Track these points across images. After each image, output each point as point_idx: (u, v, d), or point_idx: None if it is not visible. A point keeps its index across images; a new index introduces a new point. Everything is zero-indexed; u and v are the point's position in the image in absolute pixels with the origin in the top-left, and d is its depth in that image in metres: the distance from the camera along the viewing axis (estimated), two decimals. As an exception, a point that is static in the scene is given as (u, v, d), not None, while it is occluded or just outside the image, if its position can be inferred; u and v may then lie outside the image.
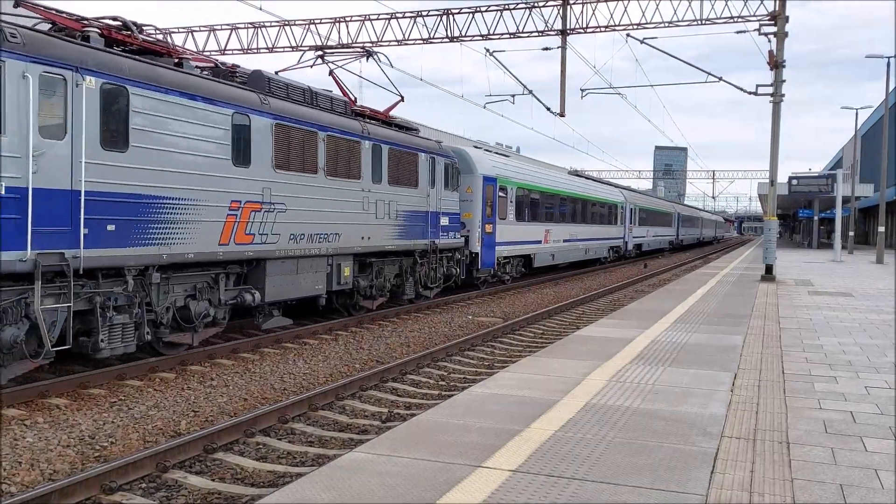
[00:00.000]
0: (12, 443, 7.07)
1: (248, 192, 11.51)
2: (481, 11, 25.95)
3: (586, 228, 32.55)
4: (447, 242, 18.36)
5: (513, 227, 23.36)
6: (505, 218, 22.57)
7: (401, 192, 16.12)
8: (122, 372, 9.77)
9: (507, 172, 23.21)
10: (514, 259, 24.22)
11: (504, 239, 22.49)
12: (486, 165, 21.62)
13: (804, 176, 40.59)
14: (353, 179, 14.43)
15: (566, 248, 29.56)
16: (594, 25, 24.82)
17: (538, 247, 26.16)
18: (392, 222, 15.76)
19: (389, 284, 16.24)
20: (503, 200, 22.52)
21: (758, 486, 4.38)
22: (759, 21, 21.53)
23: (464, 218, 20.07)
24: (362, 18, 26.78)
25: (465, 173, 20.25)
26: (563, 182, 30.56)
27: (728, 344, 9.44)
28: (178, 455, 6.83)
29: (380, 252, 15.54)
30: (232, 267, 11.62)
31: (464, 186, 20.23)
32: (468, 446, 5.03)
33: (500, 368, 11.00)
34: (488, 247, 21.24)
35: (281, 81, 13.03)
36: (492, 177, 21.58)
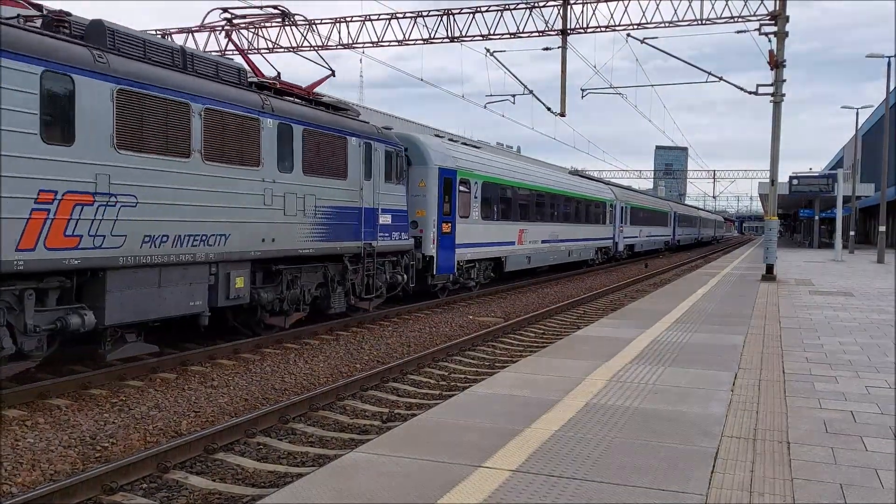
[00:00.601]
0: (13, 443, 7.08)
1: (70, 179, 8.65)
2: (482, 11, 25.96)
3: (570, 228, 29.90)
4: (390, 244, 15.67)
5: (478, 226, 20.74)
6: (468, 216, 19.95)
7: (322, 183, 13.28)
8: (123, 372, 9.77)
9: (471, 164, 20.49)
10: (481, 263, 21.50)
11: (467, 240, 19.83)
12: (443, 155, 18.82)
13: (805, 175, 40.60)
14: (249, 167, 11.52)
15: (545, 249, 26.78)
16: (594, 25, 24.83)
17: (511, 249, 23.42)
18: (309, 220, 12.92)
19: (309, 296, 13.45)
20: (465, 196, 19.82)
21: (758, 486, 4.38)
22: (759, 21, 21.53)
23: (416, 216, 17.70)
24: (363, 19, 26.80)
25: (417, 164, 17.86)
26: (542, 176, 27.57)
27: (728, 344, 9.44)
28: (179, 455, 6.84)
29: (293, 257, 12.76)
30: (49, 280, 8.72)
31: (415, 179, 17.87)
32: (469, 446, 5.03)
33: (501, 368, 11.01)
34: (446, 249, 18.55)
35: (134, 36, 10.09)
36: (450, 168, 18.78)
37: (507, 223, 23.14)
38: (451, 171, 18.88)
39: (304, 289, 13.29)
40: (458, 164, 19.45)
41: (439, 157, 18.51)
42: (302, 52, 27.48)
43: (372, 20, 26.75)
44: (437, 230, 18.05)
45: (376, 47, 26.67)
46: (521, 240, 24.33)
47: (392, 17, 26.49)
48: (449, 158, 19.00)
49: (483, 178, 21.13)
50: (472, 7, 25.97)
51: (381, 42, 26.60)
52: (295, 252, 12.64)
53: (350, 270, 14.50)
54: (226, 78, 11.55)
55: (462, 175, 19.60)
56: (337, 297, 14.21)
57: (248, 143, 11.55)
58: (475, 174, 20.60)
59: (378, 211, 15.19)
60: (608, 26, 24.78)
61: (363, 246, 14.69)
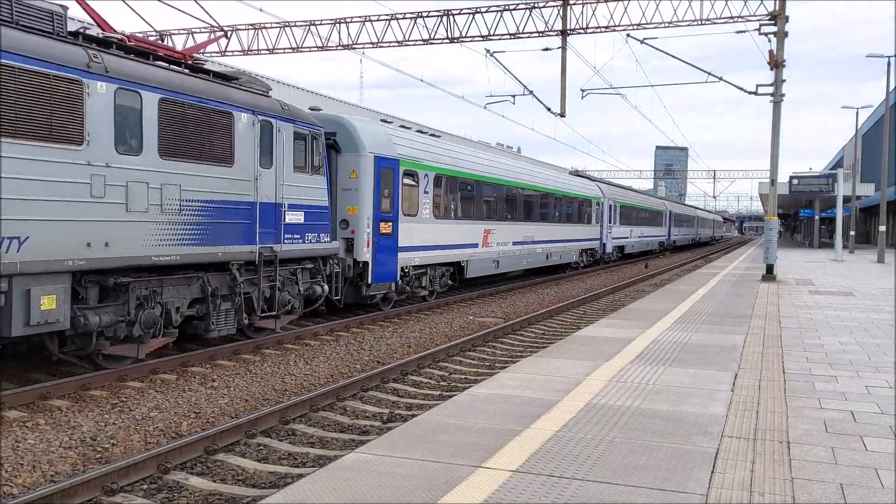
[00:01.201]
0: (14, 444, 7.09)
1: None
2: (481, 12, 25.99)
3: (548, 228, 27.11)
4: (301, 248, 12.81)
5: (430, 226, 17.86)
6: (415, 214, 17.10)
7: (193, 170, 10.37)
8: (124, 373, 9.77)
9: (418, 153, 17.52)
10: (435, 268, 18.64)
11: (414, 242, 17.02)
12: (381, 142, 15.88)
13: (805, 175, 40.61)
14: (64, 145, 8.65)
15: (517, 252, 24.02)
16: (594, 26, 24.85)
17: (473, 251, 20.52)
18: (170, 219, 10.00)
19: (179, 316, 10.55)
20: (411, 190, 16.99)
21: (758, 486, 4.38)
22: (759, 21, 21.55)
23: (347, 214, 15.05)
24: (363, 19, 26.82)
25: (347, 152, 15.08)
26: (513, 170, 24.66)
27: (729, 344, 9.45)
28: (180, 456, 6.84)
29: (146, 267, 9.88)
30: None
31: (345, 170, 15.10)
32: (469, 447, 5.03)
33: (501, 369, 11.01)
34: (385, 253, 15.82)
35: None
36: (390, 157, 15.98)
37: (469, 222, 20.32)
38: (391, 160, 16.03)
39: (169, 307, 10.33)
40: (402, 153, 16.63)
41: (375, 144, 15.59)
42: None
43: (372, 21, 26.77)
44: (373, 231, 15.29)
45: (376, 48, 26.70)
46: (487, 241, 21.53)
47: (392, 17, 26.51)
48: (389, 145, 16.18)
49: (436, 169, 18.16)
50: (472, 7, 26.00)
51: (382, 43, 26.62)
52: (147, 260, 9.74)
53: (242, 282, 11.54)
54: (26, 23, 8.64)
55: (407, 166, 16.72)
56: (221, 317, 11.32)
57: (61, 113, 8.66)
58: (425, 165, 17.65)
59: (283, 207, 12.24)
60: (608, 27, 24.80)
61: (259, 251, 11.73)
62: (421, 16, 26.31)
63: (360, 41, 26.83)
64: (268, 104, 12.17)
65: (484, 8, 25.94)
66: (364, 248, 15.16)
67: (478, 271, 20.94)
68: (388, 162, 15.96)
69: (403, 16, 26.41)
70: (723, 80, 23.30)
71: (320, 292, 13.68)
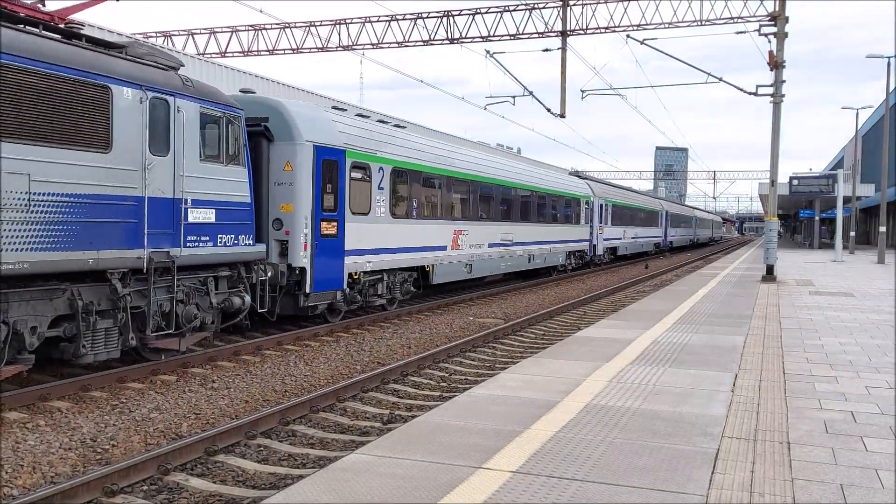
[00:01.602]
0: (14, 446, 7.09)
1: None
2: (481, 13, 26.01)
3: (530, 229, 25.01)
4: (210, 253, 10.74)
5: (386, 226, 15.81)
6: (368, 212, 15.06)
7: (48, 156, 8.41)
8: (124, 374, 9.78)
9: (372, 144, 15.37)
10: (394, 274, 16.51)
11: (365, 244, 14.93)
12: (324, 130, 13.75)
13: (805, 176, 40.61)
14: None
15: (494, 255, 21.89)
16: (594, 27, 24.87)
17: (441, 255, 18.37)
18: (11, 216, 8.03)
19: (35, 338, 8.48)
20: (362, 186, 14.88)
21: (758, 487, 4.38)
22: (758, 22, 21.57)
23: (280, 212, 13.01)
24: (363, 20, 26.84)
25: (280, 140, 13.03)
26: (489, 165, 22.46)
27: (729, 344, 9.45)
28: (180, 457, 6.84)
29: None
30: None
31: (278, 161, 13.04)
32: (469, 447, 5.03)
33: (502, 369, 11.01)
34: (328, 257, 13.70)
35: None
36: (335, 147, 13.86)
37: (435, 222, 18.14)
38: (335, 150, 13.87)
39: (19, 328, 8.27)
40: (350, 143, 14.42)
41: (315, 131, 13.47)
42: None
43: (372, 22, 26.79)
44: (312, 232, 13.24)
45: (376, 49, 26.72)
46: (458, 244, 19.34)
47: (392, 18, 26.53)
48: (333, 134, 13.98)
49: (394, 163, 16.07)
50: (471, 8, 26.04)
51: (381, 44, 26.64)
52: None
53: (128, 295, 9.54)
54: None
55: (356, 157, 14.58)
56: (98, 337, 9.29)
57: None
58: (379, 157, 15.50)
59: (184, 203, 10.22)
60: (608, 27, 24.83)
61: (150, 256, 9.72)
62: (421, 17, 26.33)
63: (360, 42, 26.86)
64: (163, 79, 10.05)
65: (484, 9, 25.98)
66: (300, 252, 13.03)
67: (446, 276, 18.78)
68: (332, 152, 13.82)
69: (403, 17, 26.44)
70: (723, 81, 23.32)
71: (240, 304, 11.42)
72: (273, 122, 13.13)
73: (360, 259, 14.83)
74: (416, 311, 17.38)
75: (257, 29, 28.01)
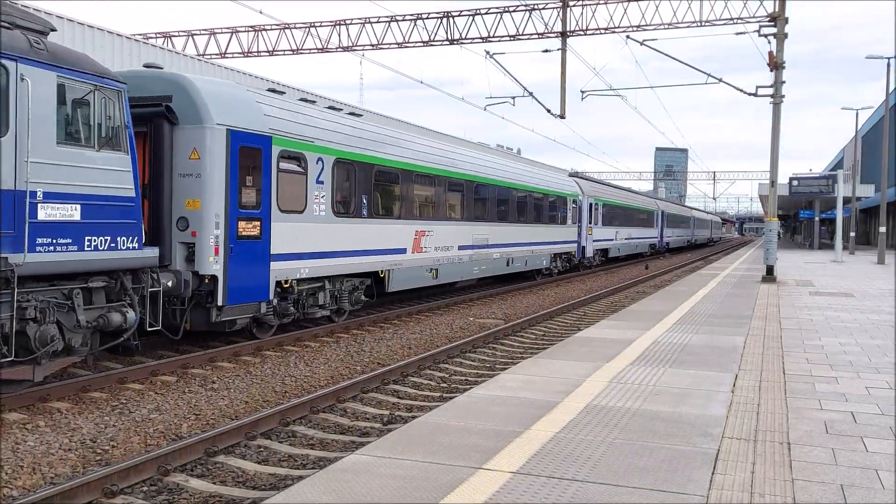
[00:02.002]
0: (14, 447, 7.08)
1: None
2: (481, 14, 26.02)
3: (508, 229, 22.99)
4: (72, 259, 8.61)
5: (328, 226, 13.74)
6: (303, 210, 13.01)
7: None
8: (123, 375, 9.77)
9: (309, 130, 13.25)
10: (340, 282, 14.50)
11: (300, 247, 12.96)
12: (243, 111, 11.72)
13: (805, 177, 40.60)
14: None
15: (465, 258, 19.83)
16: (594, 27, 24.89)
17: (399, 258, 16.37)
18: None
19: None
20: (296, 179, 12.83)
21: (758, 487, 4.38)
22: (758, 22, 21.58)
23: (186, 210, 10.98)
24: (363, 21, 26.86)
25: (186, 123, 10.99)
26: (459, 158, 20.02)
27: (729, 345, 9.44)
28: (180, 458, 6.84)
29: None
30: None
31: (183, 148, 11.00)
32: (469, 448, 5.03)
33: (502, 370, 11.01)
34: (248, 262, 11.66)
35: None
36: (257, 134, 11.84)
37: (392, 222, 16.07)
38: (258, 136, 11.85)
39: None
40: (279, 128, 12.38)
41: (230, 113, 11.41)
42: (302, 52, 27.50)
43: (371, 23, 26.81)
44: (226, 232, 11.20)
45: (376, 50, 26.73)
46: (420, 246, 17.27)
47: (392, 19, 26.54)
48: (255, 117, 11.91)
49: (337, 153, 13.96)
50: (471, 9, 26.05)
51: (381, 44, 26.65)
52: None
53: None
54: None
55: (287, 145, 12.54)
56: None
57: None
58: (319, 147, 13.37)
59: (32, 196, 8.11)
60: (608, 28, 24.84)
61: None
62: (421, 17, 26.35)
63: (360, 43, 26.88)
64: None
65: (484, 10, 26.00)
66: (210, 257, 10.98)
67: (405, 283, 16.78)
68: (253, 138, 11.76)
69: (403, 17, 26.45)
70: (722, 82, 23.32)
71: (120, 321, 9.27)
72: (178, 102, 11.02)
73: (293, 265, 12.76)
74: (416, 311, 17.38)
75: (257, 30, 28.03)
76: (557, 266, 28.56)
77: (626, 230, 40.39)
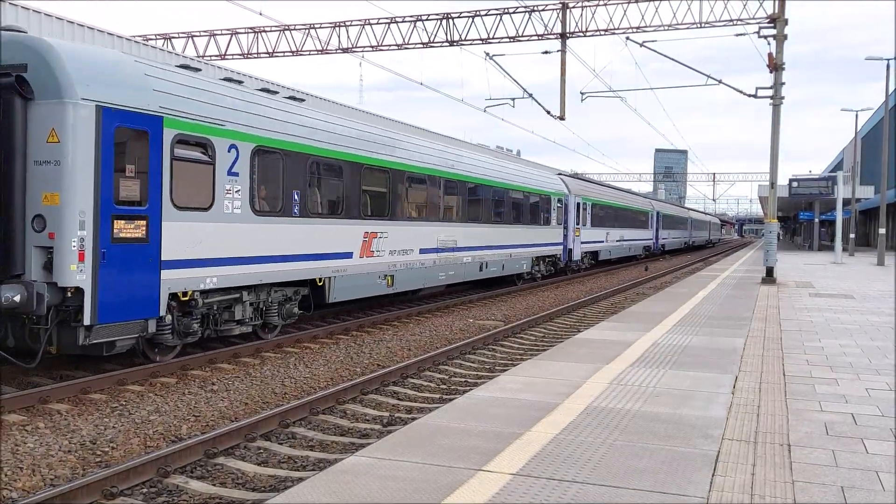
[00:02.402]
0: (13, 448, 7.08)
1: None
2: (481, 15, 26.04)
3: (482, 230, 20.83)
4: None
5: (244, 227, 11.56)
6: (209, 207, 10.89)
7: None
8: (123, 377, 9.77)
9: (214, 109, 11.03)
10: (265, 292, 12.43)
11: (203, 252, 10.78)
12: (121, 84, 9.59)
13: (804, 178, 40.61)
14: None
15: (429, 263, 17.69)
16: (594, 29, 24.90)
17: (343, 264, 14.17)
18: None
19: None
20: (198, 170, 10.74)
21: (759, 489, 4.38)
22: (758, 24, 21.59)
23: (43, 206, 9.00)
24: (362, 23, 26.86)
25: (42, 98, 8.98)
26: (419, 150, 17.70)
27: (729, 346, 9.44)
28: (179, 460, 6.83)
29: None
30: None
31: (39, 129, 9.01)
32: (469, 450, 5.03)
33: (502, 372, 11.00)
34: (128, 270, 9.59)
35: None
36: (142, 112, 9.79)
37: (333, 222, 13.88)
38: (143, 116, 9.81)
39: None
40: (174, 107, 10.30)
41: (104, 85, 9.36)
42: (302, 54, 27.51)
43: (371, 24, 26.82)
44: (95, 234, 9.16)
45: (376, 51, 26.75)
46: (371, 249, 15.15)
47: (392, 21, 26.55)
48: (141, 91, 9.85)
49: (256, 139, 11.77)
50: (471, 11, 26.06)
51: (381, 46, 26.66)
52: None
53: None
54: None
55: (186, 128, 10.47)
56: None
57: None
58: (229, 131, 11.20)
59: None
60: (607, 30, 24.85)
61: None
62: (420, 19, 26.36)
63: (360, 44, 26.89)
64: None
65: (483, 11, 26.01)
66: (72, 265, 8.90)
67: (351, 292, 14.57)
68: (137, 119, 9.71)
69: (403, 19, 26.46)
70: (722, 83, 23.33)
71: None
72: (35, 73, 8.96)
73: (195, 273, 10.63)
74: (415, 313, 17.37)
75: (257, 31, 28.03)
76: (541, 270, 26.83)
77: (617, 231, 38.53)
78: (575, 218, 30.09)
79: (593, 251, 33.70)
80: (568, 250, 29.40)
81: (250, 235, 11.73)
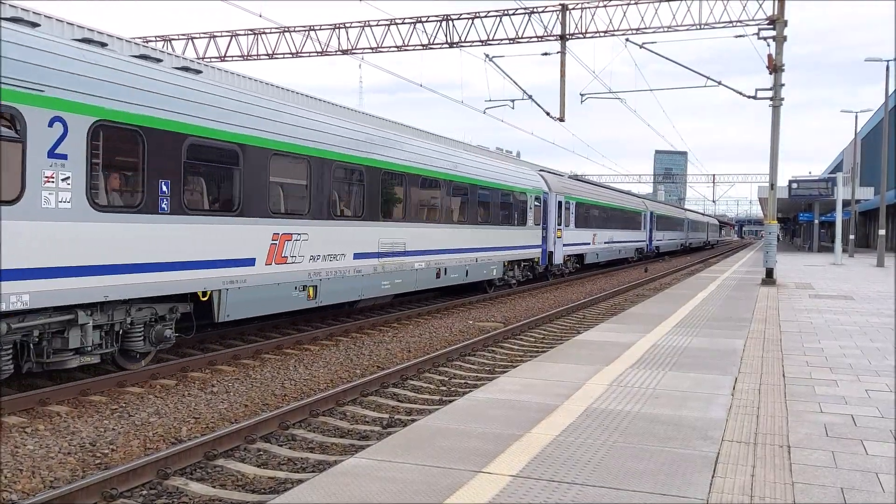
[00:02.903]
0: (13, 450, 7.08)
1: None
2: (481, 17, 26.05)
3: (437, 232, 18.11)
4: None
5: (76, 226, 8.83)
6: (15, 199, 8.10)
7: None
8: (123, 379, 9.77)
9: (31, 71, 8.22)
10: (124, 311, 9.78)
11: (5, 261, 7.95)
12: None
13: (804, 179, 40.63)
14: None
15: (368, 270, 15.01)
16: (593, 30, 24.91)
17: (242, 273, 11.48)
18: None
19: None
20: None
21: (759, 490, 4.38)
22: (757, 25, 21.60)
23: None
24: (362, 24, 26.88)
25: None
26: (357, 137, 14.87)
27: (729, 348, 9.44)
28: (179, 462, 6.83)
29: None
30: None
31: None
32: (469, 451, 5.03)
33: (501, 373, 11.00)
34: None
35: None
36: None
37: (225, 221, 11.18)
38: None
39: None
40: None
41: None
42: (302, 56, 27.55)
43: (371, 26, 26.83)
44: None
45: (376, 53, 26.76)
46: (283, 254, 12.43)
47: (391, 22, 26.56)
48: None
49: (98, 112, 9.08)
50: (471, 12, 26.08)
51: (381, 48, 26.68)
52: None
53: None
54: None
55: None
56: None
57: None
58: (52, 99, 8.49)
59: None
60: (607, 31, 24.87)
61: None
62: (420, 21, 26.37)
63: (360, 46, 26.90)
64: None
65: (483, 13, 26.02)
66: None
67: (254, 308, 11.84)
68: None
69: (403, 21, 26.47)
70: (722, 85, 23.34)
71: None
72: None
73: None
74: (415, 314, 17.37)
75: (257, 33, 28.05)
76: (516, 276, 24.24)
77: (606, 233, 35.70)
78: (556, 218, 27.45)
79: (578, 254, 31.09)
80: (548, 253, 26.81)
81: (88, 237, 8.99)
